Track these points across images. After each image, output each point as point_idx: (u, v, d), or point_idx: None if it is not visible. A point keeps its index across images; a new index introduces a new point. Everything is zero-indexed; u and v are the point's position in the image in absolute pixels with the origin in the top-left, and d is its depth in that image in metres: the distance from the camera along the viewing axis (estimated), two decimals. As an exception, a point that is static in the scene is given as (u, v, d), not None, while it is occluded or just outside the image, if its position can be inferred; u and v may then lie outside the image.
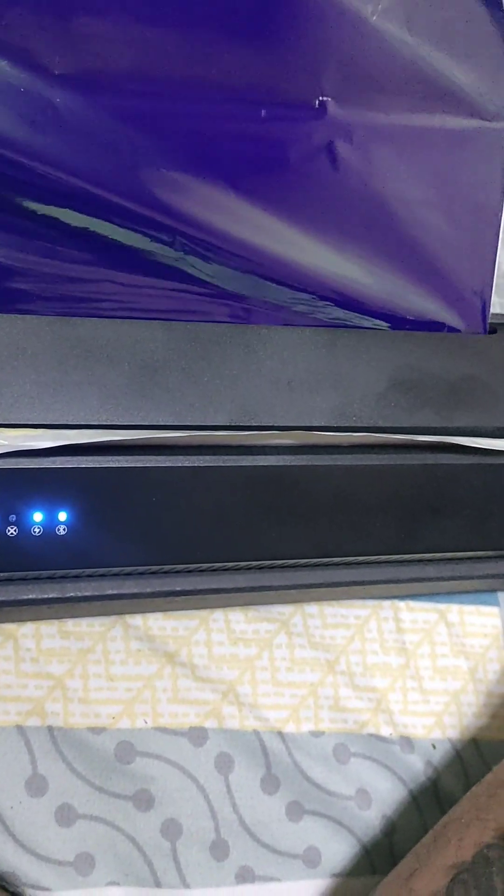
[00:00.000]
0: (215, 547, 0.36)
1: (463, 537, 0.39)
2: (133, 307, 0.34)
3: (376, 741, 0.45)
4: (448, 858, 0.37)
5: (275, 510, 0.36)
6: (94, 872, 0.39)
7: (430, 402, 0.37)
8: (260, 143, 0.33)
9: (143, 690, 0.42)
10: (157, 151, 0.32)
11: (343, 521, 0.37)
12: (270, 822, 0.42)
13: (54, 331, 0.32)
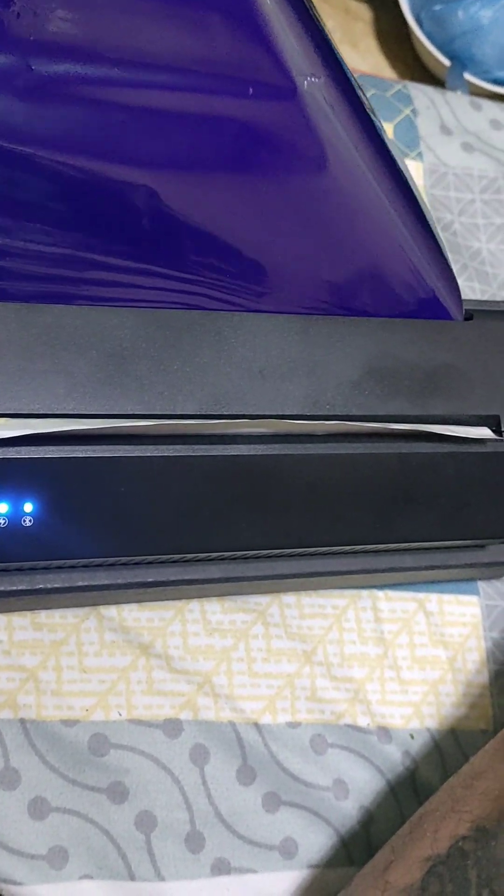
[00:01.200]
0: (187, 538, 0.35)
1: (440, 526, 0.39)
2: (103, 293, 0.34)
3: (354, 732, 0.44)
4: (423, 850, 0.37)
5: (247, 500, 0.35)
6: (67, 866, 0.38)
7: (405, 389, 0.36)
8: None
9: (118, 682, 0.41)
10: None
11: (317, 510, 0.37)
12: (246, 814, 0.41)
13: (19, 318, 0.31)
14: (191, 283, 0.34)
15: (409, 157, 0.57)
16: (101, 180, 0.31)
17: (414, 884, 0.36)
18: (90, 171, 0.31)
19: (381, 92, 0.59)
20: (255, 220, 0.33)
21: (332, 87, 0.31)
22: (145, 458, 0.33)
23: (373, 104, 0.55)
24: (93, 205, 0.31)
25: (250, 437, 0.35)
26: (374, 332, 0.37)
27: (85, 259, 0.32)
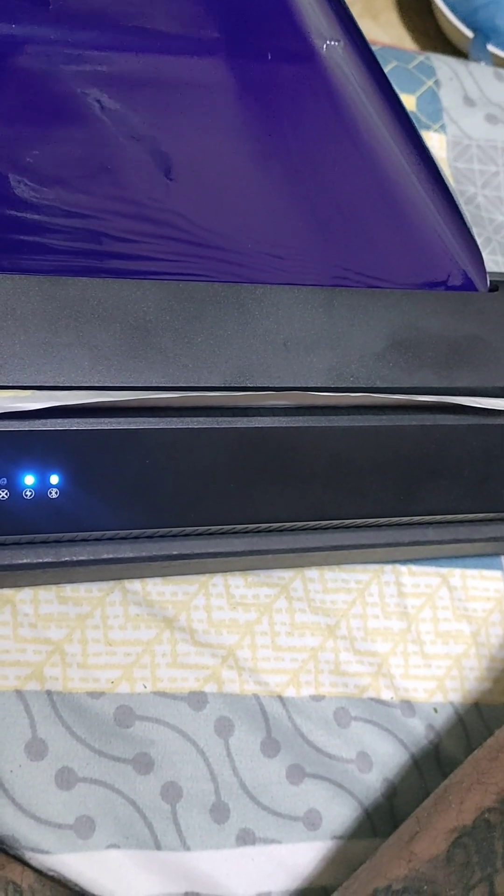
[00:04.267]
0: (211, 510, 0.35)
1: (464, 499, 0.39)
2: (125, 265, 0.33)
3: (377, 705, 0.44)
4: (449, 822, 0.37)
5: (271, 472, 0.35)
6: (94, 835, 0.39)
7: (430, 361, 0.36)
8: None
9: (142, 655, 0.42)
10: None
11: (341, 483, 0.37)
12: (271, 785, 0.42)
13: (43, 291, 0.32)
14: (215, 253, 0.34)
15: (432, 129, 0.56)
16: (123, 148, 0.31)
17: (440, 854, 0.36)
18: (112, 138, 0.31)
19: (404, 64, 0.58)
20: (278, 189, 0.33)
21: (351, 50, 0.31)
22: (170, 430, 0.33)
23: (395, 76, 0.55)
24: (116, 172, 0.31)
25: (274, 409, 0.35)
26: (397, 303, 0.36)
27: (108, 229, 0.32)
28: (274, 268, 0.35)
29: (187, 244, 0.34)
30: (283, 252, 0.35)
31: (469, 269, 0.37)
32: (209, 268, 0.34)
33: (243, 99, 0.31)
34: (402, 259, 0.37)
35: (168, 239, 0.33)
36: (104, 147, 0.31)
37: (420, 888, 0.36)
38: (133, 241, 0.33)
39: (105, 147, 0.31)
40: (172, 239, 0.33)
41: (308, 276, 0.36)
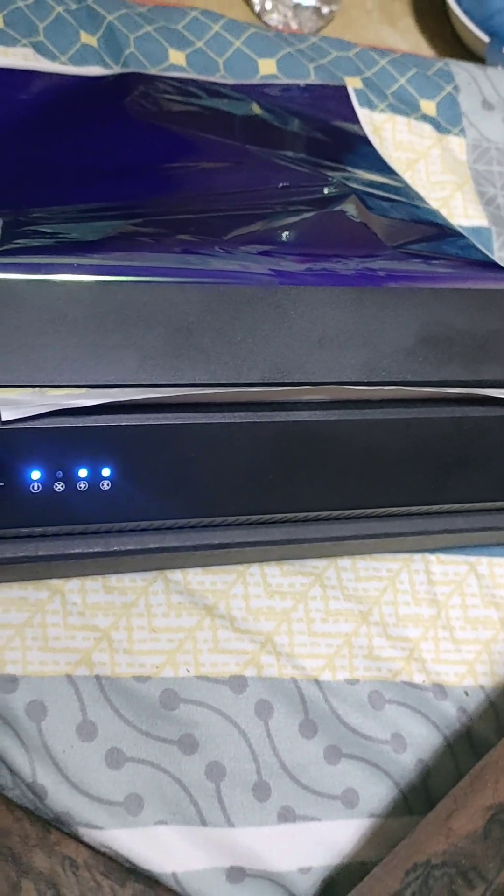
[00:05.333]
0: (252, 500, 0.37)
1: (492, 488, 0.41)
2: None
3: (410, 688, 0.46)
4: (485, 800, 0.39)
5: (308, 464, 0.37)
6: (143, 812, 0.41)
7: (458, 356, 0.38)
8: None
9: (185, 641, 0.44)
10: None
11: (374, 473, 0.38)
12: (309, 765, 0.44)
13: (93, 295, 0.34)
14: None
15: (452, 132, 0.58)
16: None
17: (476, 831, 0.38)
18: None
19: (423, 70, 0.60)
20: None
21: None
22: (213, 424, 0.35)
23: (415, 82, 0.57)
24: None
25: (311, 403, 0.37)
26: (426, 301, 0.38)
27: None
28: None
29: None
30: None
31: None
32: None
33: None
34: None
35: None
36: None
37: (458, 862, 0.37)
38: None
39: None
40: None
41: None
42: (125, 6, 0.55)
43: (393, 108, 0.57)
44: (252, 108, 0.52)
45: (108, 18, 0.54)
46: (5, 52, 0.50)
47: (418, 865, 0.38)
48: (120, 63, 0.53)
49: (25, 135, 0.45)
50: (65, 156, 0.44)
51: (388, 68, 0.59)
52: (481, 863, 0.36)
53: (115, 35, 0.54)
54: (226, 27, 0.57)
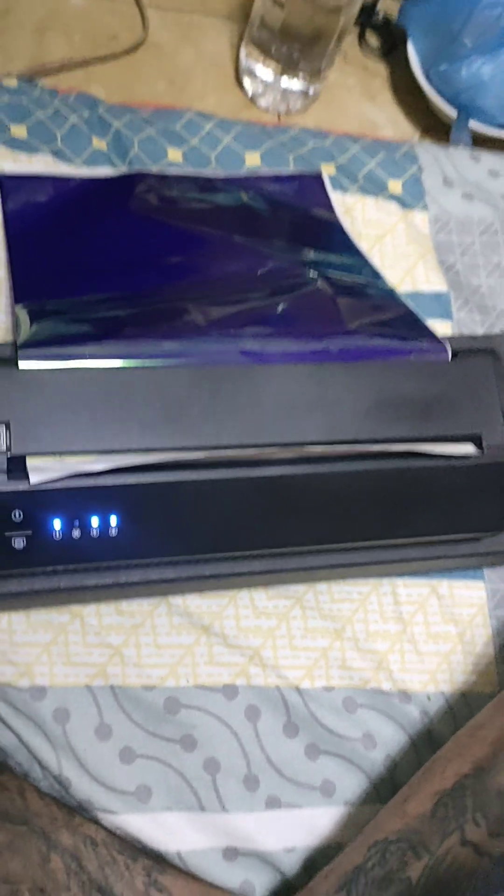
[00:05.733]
0: (235, 539, 0.45)
1: (438, 523, 0.48)
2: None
3: (379, 695, 0.52)
4: (434, 787, 0.44)
5: (280, 509, 0.45)
6: (151, 800, 0.47)
7: (404, 417, 0.45)
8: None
9: (185, 656, 0.50)
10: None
11: (336, 515, 0.46)
12: (292, 760, 0.49)
13: (104, 380, 0.42)
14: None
15: (416, 208, 0.66)
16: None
17: (425, 812, 0.43)
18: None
19: (391, 153, 0.68)
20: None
21: None
22: (200, 480, 0.43)
23: (384, 165, 0.65)
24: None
25: (280, 460, 0.44)
26: (377, 373, 0.46)
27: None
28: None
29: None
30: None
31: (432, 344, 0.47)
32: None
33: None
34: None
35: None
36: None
37: (409, 837, 0.43)
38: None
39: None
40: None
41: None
42: (130, 112, 0.64)
43: (363, 189, 0.65)
44: (240, 197, 0.60)
45: (116, 124, 0.62)
46: (29, 159, 0.58)
47: (378, 842, 0.44)
48: (126, 162, 0.61)
49: (47, 234, 0.53)
50: (79, 252, 0.53)
51: (359, 154, 0.67)
52: (427, 838, 0.42)
53: (122, 138, 0.62)
54: (217, 125, 0.65)
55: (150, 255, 0.52)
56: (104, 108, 0.63)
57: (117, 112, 0.63)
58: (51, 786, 0.47)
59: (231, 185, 0.60)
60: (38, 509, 0.40)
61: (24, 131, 0.59)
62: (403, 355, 0.47)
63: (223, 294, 0.49)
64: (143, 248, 0.53)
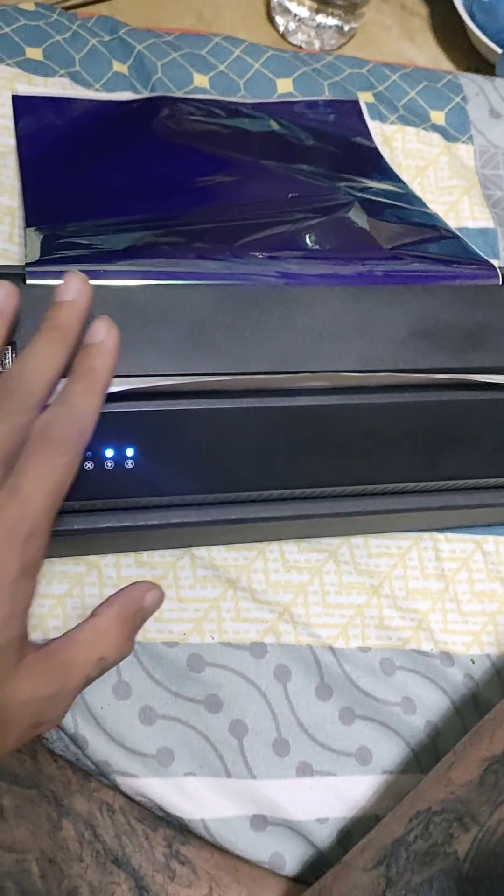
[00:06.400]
0: (263, 477, 0.41)
1: (482, 466, 0.44)
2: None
3: (419, 656, 0.50)
4: (482, 752, 0.42)
5: (311, 445, 0.41)
6: (173, 764, 0.45)
7: (446, 346, 0.42)
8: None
9: (210, 611, 0.48)
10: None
11: (372, 453, 0.42)
12: (325, 725, 0.47)
13: (116, 298, 0.38)
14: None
15: (460, 140, 0.62)
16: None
17: (473, 780, 0.41)
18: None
19: (433, 83, 0.64)
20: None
21: None
22: (223, 409, 0.39)
23: (425, 94, 0.60)
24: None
25: (312, 389, 0.41)
26: (417, 297, 0.42)
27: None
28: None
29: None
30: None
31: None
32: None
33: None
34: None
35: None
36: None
37: (455, 808, 0.40)
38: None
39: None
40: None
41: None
42: (154, 35, 0.60)
43: (403, 119, 0.61)
44: (270, 125, 0.56)
45: (138, 48, 0.59)
46: (45, 82, 0.55)
47: (420, 813, 0.41)
48: (148, 88, 0.58)
49: (62, 157, 0.50)
50: (97, 175, 0.49)
51: (399, 82, 0.63)
52: (476, 808, 0.39)
53: (145, 62, 0.58)
54: (246, 51, 0.61)
55: (173, 179, 0.48)
56: (126, 31, 0.59)
57: (140, 35, 0.59)
58: (66, 747, 0.45)
59: (261, 112, 0.56)
60: None
61: (39, 54, 0.56)
62: (450, 280, 0.42)
63: (253, 217, 0.45)
64: (165, 172, 0.49)
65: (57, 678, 0.34)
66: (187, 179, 0.49)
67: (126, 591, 0.38)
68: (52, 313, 0.35)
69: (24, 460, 0.33)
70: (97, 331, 0.35)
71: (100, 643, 0.36)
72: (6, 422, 0.33)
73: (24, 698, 0.32)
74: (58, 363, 0.35)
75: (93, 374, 0.35)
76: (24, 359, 0.34)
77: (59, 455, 0.33)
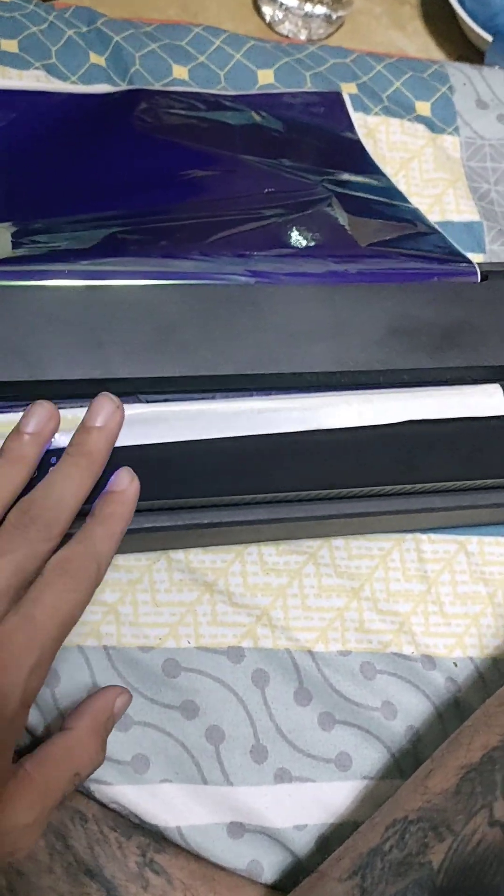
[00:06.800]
0: (235, 481, 0.41)
1: (466, 467, 0.43)
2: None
3: (400, 659, 0.49)
4: (459, 760, 0.41)
5: (288, 447, 0.40)
6: (148, 771, 0.44)
7: (424, 345, 0.41)
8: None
9: (186, 615, 0.47)
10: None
11: (353, 455, 0.41)
12: (304, 730, 0.46)
13: (82, 298, 0.37)
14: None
15: (446, 132, 0.60)
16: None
17: (449, 788, 0.40)
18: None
19: (418, 73, 0.62)
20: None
21: None
22: None
23: (411, 85, 0.59)
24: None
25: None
26: (394, 295, 0.41)
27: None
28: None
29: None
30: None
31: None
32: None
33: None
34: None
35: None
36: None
37: (431, 817, 0.39)
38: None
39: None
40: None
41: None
42: (132, 26, 0.59)
43: (387, 110, 0.60)
44: (251, 117, 0.55)
45: (116, 38, 0.57)
46: (20, 75, 0.54)
47: (397, 821, 0.41)
48: (126, 80, 0.57)
49: (35, 152, 0.49)
50: (72, 170, 0.48)
51: (384, 73, 0.61)
52: (451, 817, 0.39)
53: (122, 54, 0.57)
54: (227, 41, 0.60)
55: (149, 174, 0.47)
56: (104, 21, 0.58)
57: (118, 26, 0.58)
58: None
59: (241, 104, 0.55)
60: None
61: (14, 46, 0.55)
62: (428, 277, 0.41)
63: (226, 213, 0.44)
64: (141, 166, 0.48)
65: (35, 804, 0.34)
66: (163, 174, 0.48)
67: (96, 698, 0.39)
68: (83, 438, 0.36)
69: (41, 590, 0.35)
70: (121, 480, 0.37)
71: (74, 759, 0.37)
72: (27, 547, 0.34)
73: (4, 828, 0.33)
74: (84, 491, 0.36)
75: (112, 519, 0.37)
76: (52, 483, 0.36)
77: (74, 591, 0.35)
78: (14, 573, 0.34)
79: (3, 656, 0.33)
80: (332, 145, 0.54)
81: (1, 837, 0.33)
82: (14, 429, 0.36)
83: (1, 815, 0.33)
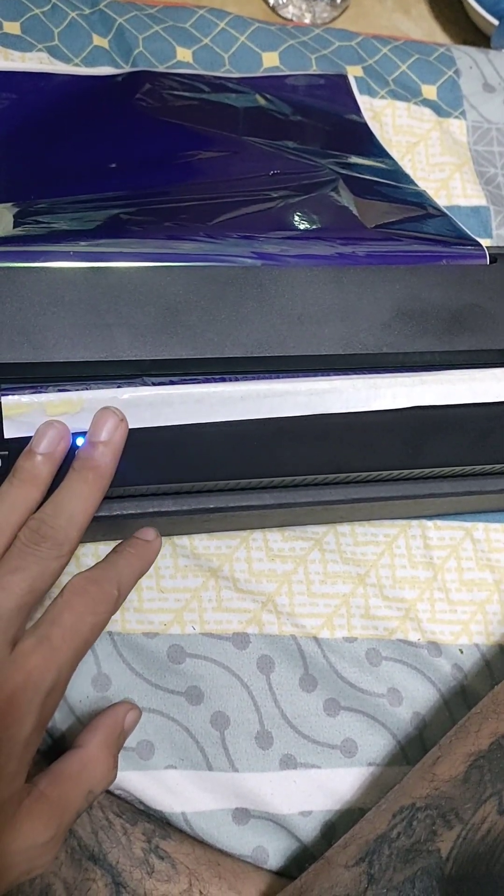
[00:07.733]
0: (241, 466, 0.40)
1: (473, 452, 0.42)
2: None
3: (406, 646, 0.48)
4: (467, 747, 0.41)
5: (294, 430, 0.40)
6: (153, 757, 0.44)
7: (433, 328, 0.40)
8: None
9: (191, 601, 0.47)
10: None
11: (359, 439, 0.41)
12: (309, 717, 0.46)
13: (87, 279, 0.37)
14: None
15: (452, 116, 0.60)
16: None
17: (458, 775, 0.40)
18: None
19: (424, 56, 0.62)
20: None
21: None
22: None
23: (416, 68, 0.59)
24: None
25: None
26: (402, 278, 0.41)
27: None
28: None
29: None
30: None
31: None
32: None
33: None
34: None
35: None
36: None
37: (439, 804, 0.39)
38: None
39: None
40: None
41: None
42: (135, 8, 0.58)
43: (393, 93, 0.59)
44: (255, 100, 0.54)
45: (119, 20, 0.57)
46: (22, 57, 0.53)
47: (404, 808, 0.40)
48: (129, 62, 0.56)
49: (39, 133, 0.48)
50: (75, 151, 0.47)
51: (390, 55, 0.61)
52: (460, 805, 0.39)
53: (126, 36, 0.57)
54: (231, 23, 0.59)
55: (153, 156, 0.46)
56: (107, 3, 0.57)
57: (121, 8, 0.58)
58: (43, 741, 0.44)
59: (246, 86, 0.55)
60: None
61: (17, 28, 0.54)
62: (436, 260, 0.41)
63: (231, 195, 0.43)
64: (145, 148, 0.47)
65: (52, 822, 0.34)
66: (167, 156, 0.47)
67: (106, 715, 0.39)
68: (89, 453, 0.36)
69: (59, 611, 0.35)
70: (148, 533, 0.40)
71: (88, 776, 0.37)
72: (39, 565, 0.34)
73: (21, 847, 0.33)
74: (93, 506, 0.36)
75: (135, 557, 0.39)
76: (61, 500, 0.36)
77: (93, 613, 0.35)
78: (28, 591, 0.34)
79: (19, 678, 0.33)
80: (338, 128, 0.54)
81: (18, 856, 0.33)
82: (26, 448, 0.36)
83: (17, 835, 0.33)
